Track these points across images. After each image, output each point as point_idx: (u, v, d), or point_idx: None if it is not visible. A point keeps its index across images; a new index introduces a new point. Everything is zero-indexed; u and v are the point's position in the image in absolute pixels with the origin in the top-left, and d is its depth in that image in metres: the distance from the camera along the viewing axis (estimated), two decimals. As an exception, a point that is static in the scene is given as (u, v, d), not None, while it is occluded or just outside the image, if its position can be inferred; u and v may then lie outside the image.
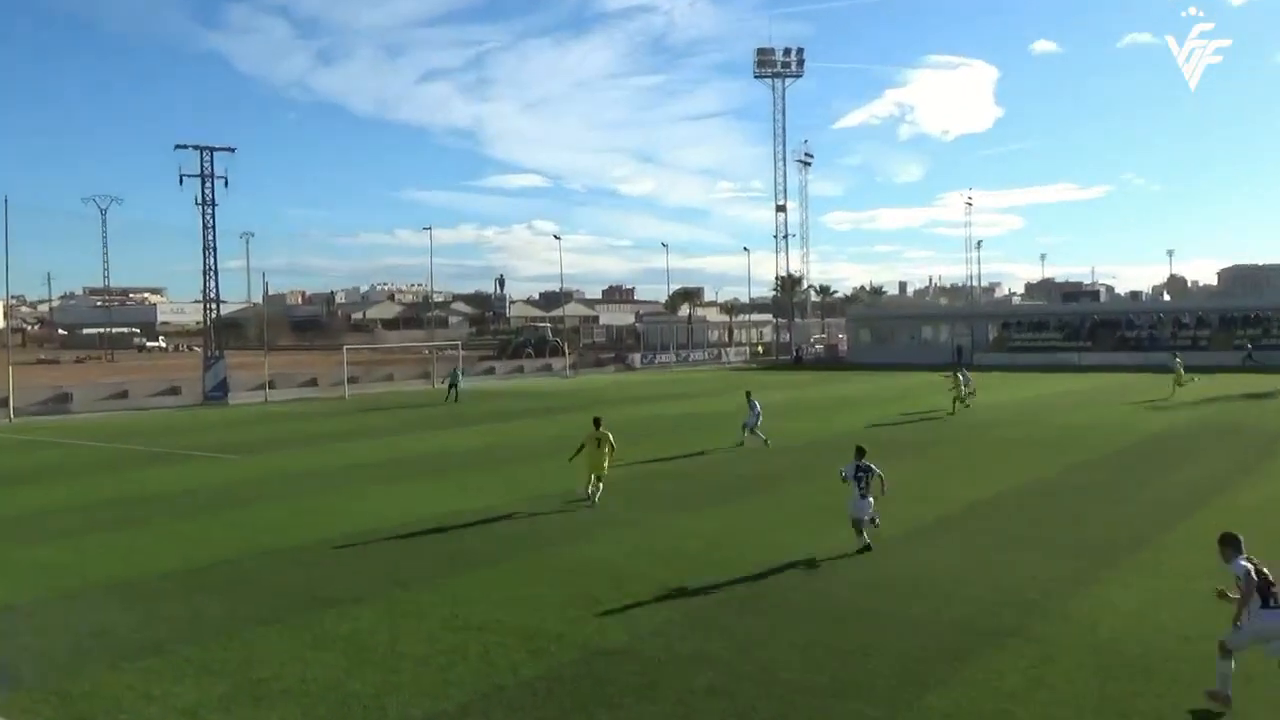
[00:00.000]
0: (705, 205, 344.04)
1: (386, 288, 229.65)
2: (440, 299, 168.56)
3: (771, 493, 21.05)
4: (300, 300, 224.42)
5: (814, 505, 19.32)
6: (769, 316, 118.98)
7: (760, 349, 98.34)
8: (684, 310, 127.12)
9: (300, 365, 70.54)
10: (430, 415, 41.29)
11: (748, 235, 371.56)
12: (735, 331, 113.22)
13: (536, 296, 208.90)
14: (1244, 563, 9.27)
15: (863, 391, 49.37)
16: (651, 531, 17.24)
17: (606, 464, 19.57)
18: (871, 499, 15.38)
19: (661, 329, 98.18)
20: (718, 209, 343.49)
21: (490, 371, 70.24)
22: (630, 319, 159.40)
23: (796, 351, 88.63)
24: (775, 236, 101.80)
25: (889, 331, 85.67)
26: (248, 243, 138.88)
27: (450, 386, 49.80)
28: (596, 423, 20.12)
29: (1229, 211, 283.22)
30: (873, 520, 15.51)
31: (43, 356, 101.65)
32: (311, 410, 44.95)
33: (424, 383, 57.30)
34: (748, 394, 30.25)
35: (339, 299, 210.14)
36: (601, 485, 19.58)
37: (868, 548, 15.12)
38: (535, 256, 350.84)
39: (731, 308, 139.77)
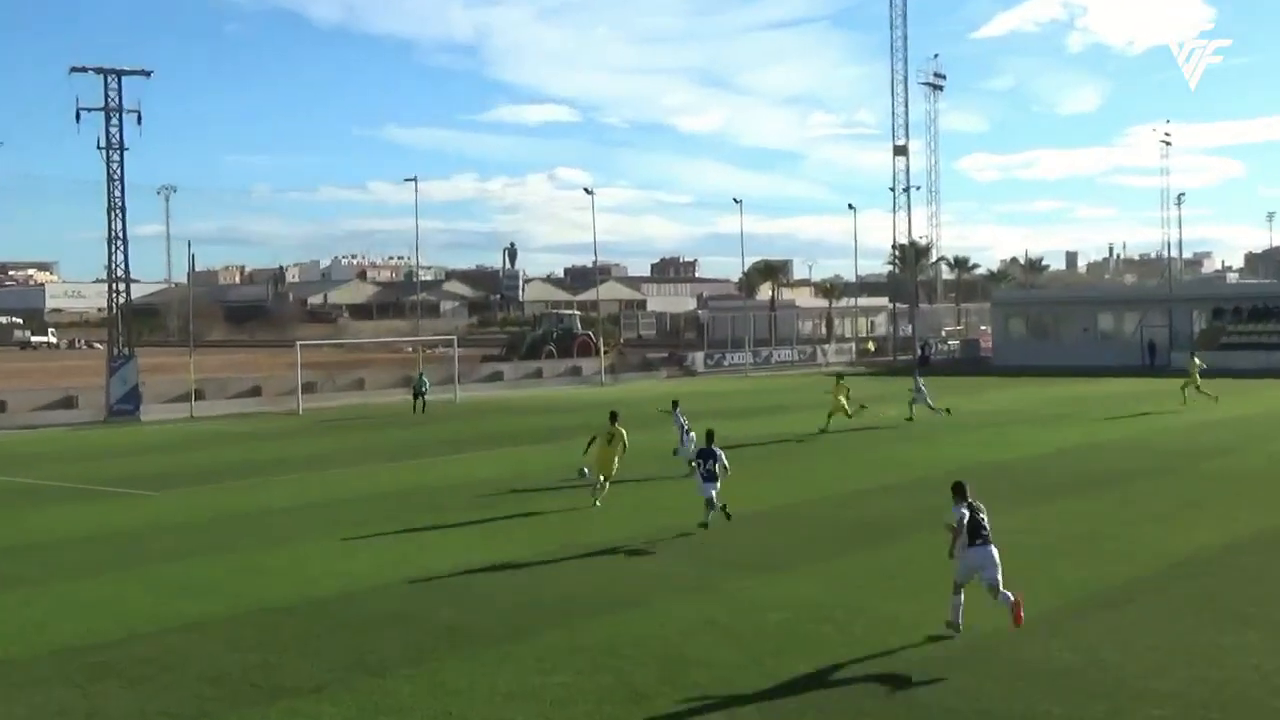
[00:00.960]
0: (794, 146, 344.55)
1: (356, 262, 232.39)
2: (429, 277, 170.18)
3: (888, 546, 21.00)
4: (239, 279, 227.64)
5: (945, 565, 19.12)
6: (883, 301, 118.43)
7: (871, 345, 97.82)
8: (765, 292, 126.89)
9: (238, 368, 71.45)
10: (414, 437, 41.65)
11: (854, 188, 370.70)
12: (837, 321, 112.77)
13: (560, 274, 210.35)
14: (963, 509, 14.49)
15: (1012, 405, 48.86)
16: (720, 599, 17.24)
17: (616, 463, 24.60)
18: (717, 483, 21.56)
19: (733, 319, 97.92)
20: (812, 151, 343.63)
21: (497, 376, 70.59)
22: (690, 304, 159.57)
23: (922, 349, 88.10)
24: (893, 189, 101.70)
25: (1051, 322, 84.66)
26: (168, 200, 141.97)
27: (415, 395, 52.50)
28: (613, 417, 25.05)
29: None
30: (710, 503, 21.51)
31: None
32: (253, 430, 45.50)
33: (407, 391, 57.72)
34: (674, 404, 31.44)
35: (291, 277, 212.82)
36: (608, 485, 24.60)
37: (704, 525, 21.43)
38: (559, 218, 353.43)
39: (832, 289, 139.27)
